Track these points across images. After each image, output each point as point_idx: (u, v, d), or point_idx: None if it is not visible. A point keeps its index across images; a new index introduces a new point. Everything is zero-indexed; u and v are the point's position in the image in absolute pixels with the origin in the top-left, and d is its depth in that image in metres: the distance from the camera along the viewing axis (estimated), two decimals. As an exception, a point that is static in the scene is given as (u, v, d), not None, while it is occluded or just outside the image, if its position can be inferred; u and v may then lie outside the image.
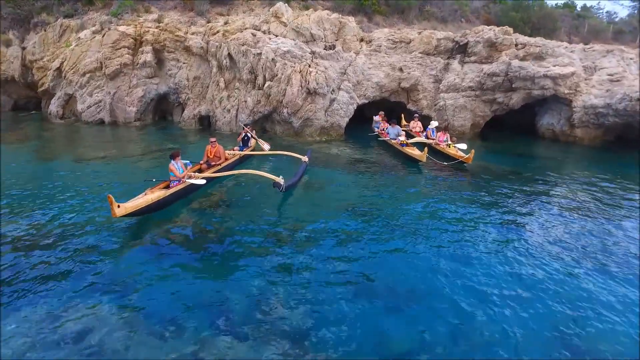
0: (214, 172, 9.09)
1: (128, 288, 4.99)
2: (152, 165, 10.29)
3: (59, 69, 16.95)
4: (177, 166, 8.06)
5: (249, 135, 11.64)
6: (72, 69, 16.60)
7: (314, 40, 15.45)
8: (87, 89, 16.46)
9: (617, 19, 33.08)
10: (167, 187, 7.87)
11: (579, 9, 30.94)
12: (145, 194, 7.26)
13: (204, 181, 8.20)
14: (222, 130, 14.75)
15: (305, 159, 10.09)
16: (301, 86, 13.63)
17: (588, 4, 35.24)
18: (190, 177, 8.22)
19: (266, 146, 11.46)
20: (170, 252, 5.90)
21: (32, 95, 19.81)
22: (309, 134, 14.15)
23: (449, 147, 11.89)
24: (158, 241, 6.27)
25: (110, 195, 6.19)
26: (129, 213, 6.63)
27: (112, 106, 16.31)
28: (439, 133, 12.67)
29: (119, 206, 6.39)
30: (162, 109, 17.81)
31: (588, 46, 16.17)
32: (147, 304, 4.70)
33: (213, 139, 9.82)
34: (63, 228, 6.55)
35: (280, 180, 7.93)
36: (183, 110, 16.70)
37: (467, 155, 10.78)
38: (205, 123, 16.07)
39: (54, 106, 17.16)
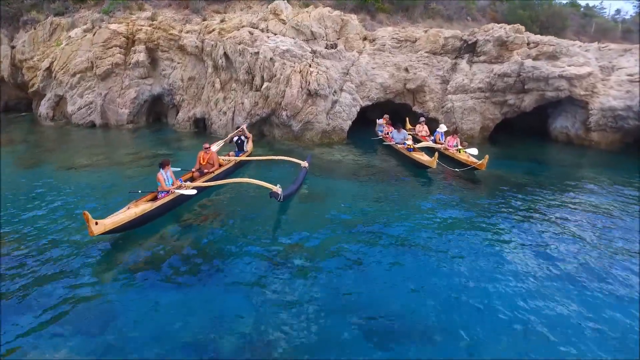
0: (206, 181, 8.38)
1: (100, 322, 4.27)
2: (141, 173, 9.55)
3: (49, 69, 16.23)
4: (165, 176, 7.38)
5: (242, 138, 10.90)
6: (62, 69, 15.87)
7: (315, 38, 14.69)
8: (78, 90, 15.73)
9: (621, 19, 32.28)
10: (155, 198, 7.18)
11: (582, 8, 30.12)
12: (129, 208, 6.56)
13: (194, 191, 7.50)
14: (218, 133, 13.99)
15: (305, 164, 9.41)
16: (301, 87, 12.88)
17: (591, 4, 34.40)
18: (179, 187, 7.51)
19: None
20: (152, 276, 5.19)
21: (22, 96, 19.08)
22: (309, 137, 13.40)
23: (460, 152, 11.17)
24: (139, 262, 5.56)
25: (87, 212, 5.51)
26: (109, 230, 5.94)
27: (104, 108, 15.60)
28: (448, 137, 11.95)
29: (96, 223, 5.71)
30: (156, 111, 17.06)
31: (604, 45, 15.39)
32: (123, 341, 4.01)
33: (207, 145, 9.14)
34: (29, 247, 5.82)
35: (277, 189, 7.25)
36: (178, 112, 15.97)
37: (480, 161, 10.03)
38: (201, 125, 15.32)
39: (44, 108, 16.45)
